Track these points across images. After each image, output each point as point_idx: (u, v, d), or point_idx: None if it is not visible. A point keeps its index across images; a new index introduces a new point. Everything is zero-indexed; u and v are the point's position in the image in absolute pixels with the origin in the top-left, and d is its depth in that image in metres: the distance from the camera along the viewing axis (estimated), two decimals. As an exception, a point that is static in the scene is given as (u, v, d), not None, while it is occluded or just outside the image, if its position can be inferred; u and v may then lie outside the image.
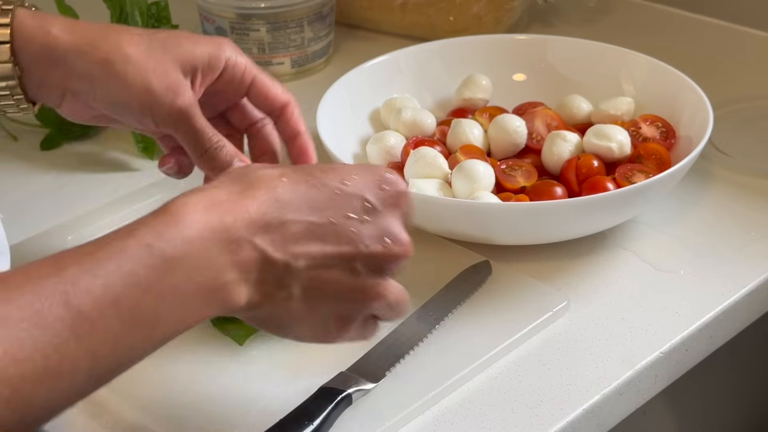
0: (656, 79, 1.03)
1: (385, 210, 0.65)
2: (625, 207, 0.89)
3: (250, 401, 0.76)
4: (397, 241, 0.65)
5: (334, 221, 0.63)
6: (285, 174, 0.62)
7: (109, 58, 0.75)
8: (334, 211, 0.63)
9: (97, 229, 0.94)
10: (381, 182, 0.65)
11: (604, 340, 0.81)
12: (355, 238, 0.63)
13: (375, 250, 0.64)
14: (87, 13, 1.13)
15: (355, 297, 0.65)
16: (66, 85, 0.77)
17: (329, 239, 0.63)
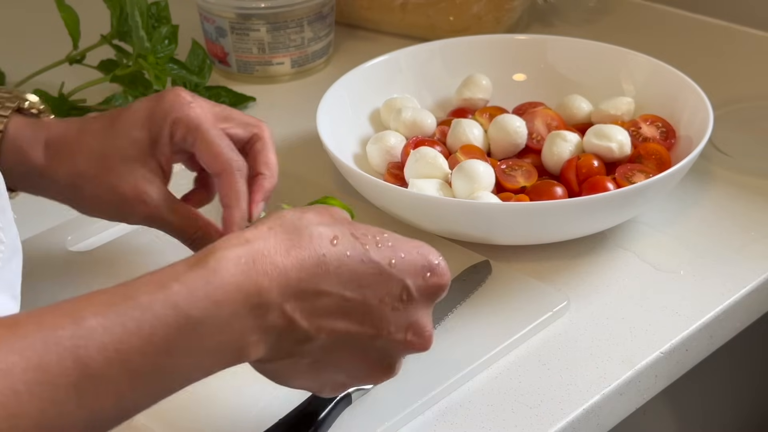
0: (656, 79, 1.03)
1: (421, 300, 0.63)
2: (625, 207, 0.89)
3: (250, 401, 0.76)
4: (421, 335, 0.63)
5: (367, 301, 0.61)
6: (337, 238, 0.60)
7: (72, 182, 0.79)
8: (372, 291, 0.61)
9: (97, 229, 0.94)
10: (427, 270, 0.63)
11: (604, 340, 0.81)
12: (382, 325, 0.62)
13: (396, 339, 0.63)
14: (87, 13, 1.13)
15: (360, 373, 0.65)
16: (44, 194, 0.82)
17: (356, 318, 0.61)
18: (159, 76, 1.10)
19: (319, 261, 0.59)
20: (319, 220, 0.61)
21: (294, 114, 1.14)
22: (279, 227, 0.59)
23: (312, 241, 0.59)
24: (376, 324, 0.61)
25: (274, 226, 0.59)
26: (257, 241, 0.58)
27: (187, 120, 0.77)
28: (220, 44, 1.20)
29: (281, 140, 1.09)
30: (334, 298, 0.59)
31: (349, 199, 0.95)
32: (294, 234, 0.59)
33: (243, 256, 0.57)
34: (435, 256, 0.63)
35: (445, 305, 0.83)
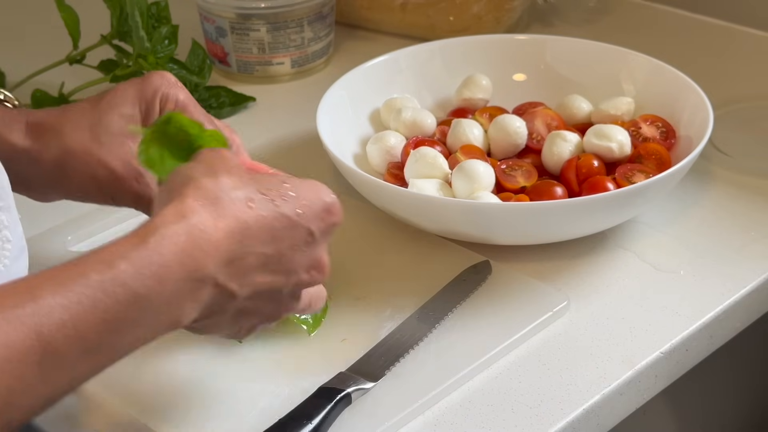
0: (656, 79, 1.03)
1: (321, 239, 0.68)
2: (625, 207, 0.89)
3: (250, 401, 0.76)
4: (320, 268, 0.69)
5: (282, 253, 0.66)
6: (252, 200, 0.64)
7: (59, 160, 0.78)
8: (284, 242, 0.65)
9: (96, 229, 0.94)
10: (325, 209, 0.68)
11: (604, 340, 0.81)
12: (291, 269, 0.67)
13: (302, 279, 0.68)
14: (87, 13, 1.13)
15: (271, 315, 0.69)
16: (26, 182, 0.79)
17: (273, 269, 0.66)
18: (159, 76, 1.10)
19: (242, 227, 0.63)
20: (232, 183, 0.64)
21: (294, 114, 1.14)
22: (203, 199, 0.62)
23: (233, 207, 0.63)
24: (288, 270, 0.66)
25: (198, 197, 0.62)
26: (191, 216, 0.61)
27: (176, 98, 0.79)
28: (220, 44, 1.20)
29: (281, 140, 1.09)
30: (256, 256, 0.64)
31: (349, 199, 0.95)
32: (217, 204, 0.62)
33: (181, 233, 0.60)
34: (328, 195, 0.68)
35: (445, 305, 0.83)
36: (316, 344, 0.80)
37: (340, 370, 0.76)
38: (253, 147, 1.08)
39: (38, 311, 0.55)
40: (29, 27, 1.38)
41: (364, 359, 0.78)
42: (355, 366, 0.77)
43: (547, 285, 0.86)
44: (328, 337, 0.81)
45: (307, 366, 0.78)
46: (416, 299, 0.84)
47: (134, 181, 0.78)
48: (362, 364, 0.77)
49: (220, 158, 0.66)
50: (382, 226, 0.94)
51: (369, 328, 0.82)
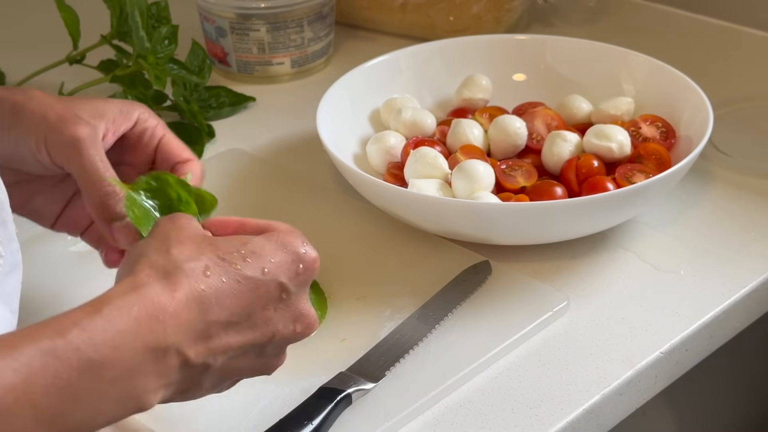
0: (656, 79, 1.03)
1: (298, 291, 0.66)
2: (625, 207, 0.89)
3: (250, 401, 0.76)
4: (305, 321, 0.67)
5: (251, 313, 0.64)
6: (209, 268, 0.62)
7: (14, 99, 0.75)
8: (253, 303, 0.64)
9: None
10: (298, 261, 0.66)
11: (604, 340, 0.81)
12: (270, 326, 0.65)
13: (286, 333, 0.66)
14: (87, 13, 1.13)
15: (258, 371, 0.68)
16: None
17: (246, 331, 0.64)
18: (159, 76, 1.10)
19: (200, 297, 0.61)
20: (186, 254, 0.63)
21: (294, 114, 1.14)
22: (154, 273, 0.61)
23: (188, 279, 0.61)
24: (265, 329, 0.65)
25: (149, 273, 0.61)
26: (143, 288, 0.60)
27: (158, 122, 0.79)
28: (220, 44, 1.20)
29: (281, 140, 1.09)
30: (222, 324, 0.62)
31: (349, 199, 0.95)
32: (169, 277, 0.61)
33: (135, 304, 0.59)
34: (299, 245, 0.66)
35: (445, 305, 0.83)
36: (316, 344, 0.80)
37: (340, 370, 0.76)
38: (253, 147, 1.08)
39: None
40: (29, 27, 1.38)
41: (364, 359, 0.78)
42: (355, 366, 0.77)
43: (547, 285, 0.86)
44: (328, 337, 0.81)
45: (307, 366, 0.78)
46: (416, 299, 0.84)
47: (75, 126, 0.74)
48: (362, 364, 0.77)
49: (176, 229, 0.65)
50: (382, 226, 0.94)
51: (369, 328, 0.82)
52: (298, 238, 0.67)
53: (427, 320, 0.82)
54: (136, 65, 1.11)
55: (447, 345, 0.80)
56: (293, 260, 0.66)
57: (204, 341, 0.62)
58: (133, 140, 0.78)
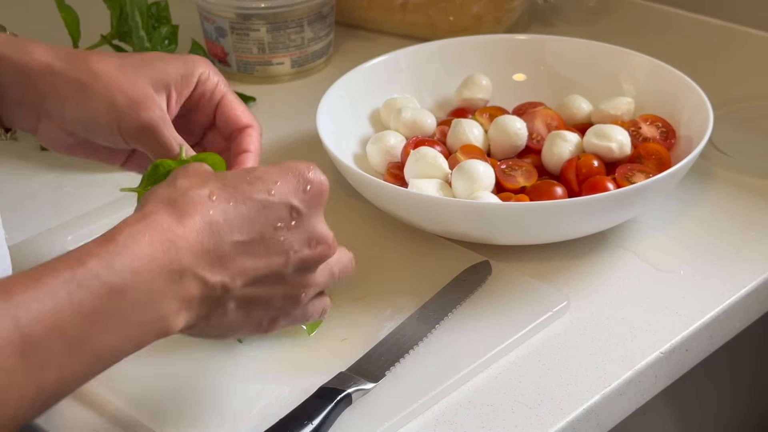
0: (656, 79, 1.03)
1: (310, 211, 0.67)
2: (625, 207, 0.89)
3: (250, 401, 0.76)
4: (323, 240, 0.67)
5: (264, 235, 0.64)
6: (213, 193, 0.64)
7: (79, 77, 0.76)
8: (263, 224, 0.64)
9: (96, 229, 0.94)
10: (304, 183, 0.67)
11: (604, 340, 0.81)
12: (285, 248, 0.65)
13: (303, 255, 0.66)
14: (87, 13, 1.13)
15: (284, 299, 0.68)
16: (40, 107, 0.78)
17: (261, 253, 0.64)
18: (159, 76, 1.10)
19: (208, 219, 0.62)
20: (191, 184, 0.64)
21: (294, 114, 1.14)
22: (160, 203, 0.62)
23: (195, 205, 0.63)
24: (281, 250, 0.65)
25: (156, 203, 0.63)
26: (151, 216, 0.61)
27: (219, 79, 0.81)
28: (220, 44, 1.20)
29: (281, 140, 1.09)
30: (234, 245, 0.63)
31: (349, 200, 0.95)
32: (176, 205, 0.62)
33: (146, 231, 0.60)
34: (306, 167, 0.67)
35: (445, 305, 0.83)
36: (316, 344, 0.80)
37: (340, 370, 0.76)
38: (253, 147, 1.08)
39: (14, 305, 0.55)
40: (29, 27, 1.37)
41: (364, 359, 0.78)
42: (355, 366, 0.77)
43: (547, 285, 0.86)
44: (328, 337, 0.81)
45: (307, 366, 0.78)
46: (416, 299, 0.84)
47: (146, 110, 0.76)
48: (362, 365, 0.77)
49: (184, 168, 0.67)
50: (382, 226, 0.94)
51: (369, 328, 0.82)
52: (305, 163, 0.68)
53: (427, 320, 0.82)
54: (136, 65, 1.11)
55: (447, 345, 0.80)
56: (299, 181, 0.66)
57: (218, 262, 0.62)
58: (194, 101, 0.80)
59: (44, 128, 0.79)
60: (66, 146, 0.81)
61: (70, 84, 0.76)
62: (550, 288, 0.85)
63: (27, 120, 0.79)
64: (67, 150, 0.82)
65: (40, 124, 0.79)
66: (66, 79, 0.77)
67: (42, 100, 0.77)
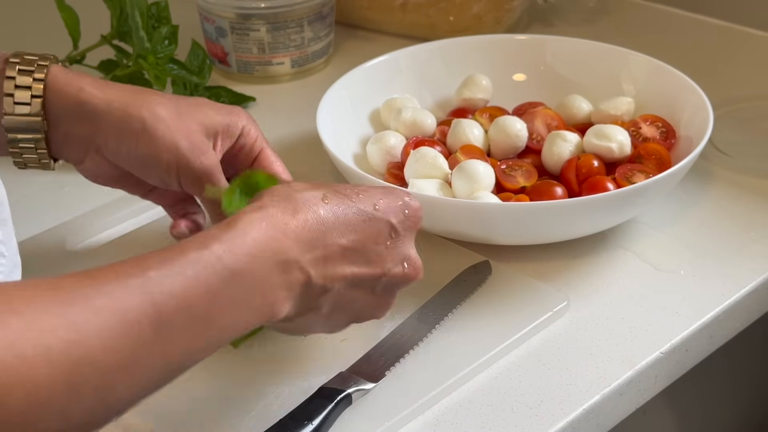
0: (656, 79, 1.03)
1: (405, 233, 0.71)
2: (625, 207, 0.89)
3: (250, 401, 0.76)
4: (413, 264, 0.72)
5: (365, 245, 0.68)
6: (326, 196, 0.68)
7: (141, 115, 0.79)
8: (366, 235, 0.69)
9: (97, 229, 0.94)
10: (404, 207, 0.71)
11: (604, 340, 0.81)
12: (381, 262, 0.70)
13: (396, 273, 0.71)
14: (87, 13, 1.13)
15: (368, 310, 0.72)
16: (92, 140, 0.80)
17: (360, 262, 0.68)
18: (159, 76, 1.10)
19: (319, 218, 0.66)
20: (304, 186, 0.68)
21: (294, 114, 1.14)
22: (277, 197, 0.66)
23: (307, 203, 0.66)
24: (377, 263, 0.69)
25: (272, 197, 0.66)
26: (268, 208, 0.65)
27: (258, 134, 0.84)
28: (220, 44, 1.20)
29: (281, 140, 1.09)
30: (338, 248, 0.67)
31: (349, 199, 0.95)
32: (291, 201, 0.66)
33: (263, 219, 0.64)
34: (404, 194, 0.72)
35: (445, 305, 0.83)
36: (316, 344, 0.80)
37: (340, 370, 0.76)
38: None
39: (149, 281, 0.57)
40: (29, 27, 1.38)
41: (364, 359, 0.78)
42: (355, 366, 0.77)
43: (547, 285, 0.86)
44: (328, 337, 0.81)
45: (307, 366, 0.78)
46: (416, 299, 0.84)
47: (207, 156, 0.80)
48: (362, 365, 0.77)
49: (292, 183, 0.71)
50: (382, 226, 0.93)
51: (369, 328, 0.82)
52: (404, 190, 0.73)
53: (427, 320, 0.82)
54: (136, 65, 1.11)
55: (447, 345, 0.80)
56: (401, 204, 0.71)
57: (323, 262, 0.66)
58: (234, 152, 0.84)
59: (91, 161, 0.82)
60: (106, 178, 0.84)
61: (131, 121, 0.79)
62: (550, 288, 0.85)
63: (75, 151, 0.81)
64: (103, 182, 0.84)
65: (88, 157, 0.81)
66: (126, 117, 0.79)
67: (95, 135, 0.80)
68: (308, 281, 0.65)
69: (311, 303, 0.67)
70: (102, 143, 0.80)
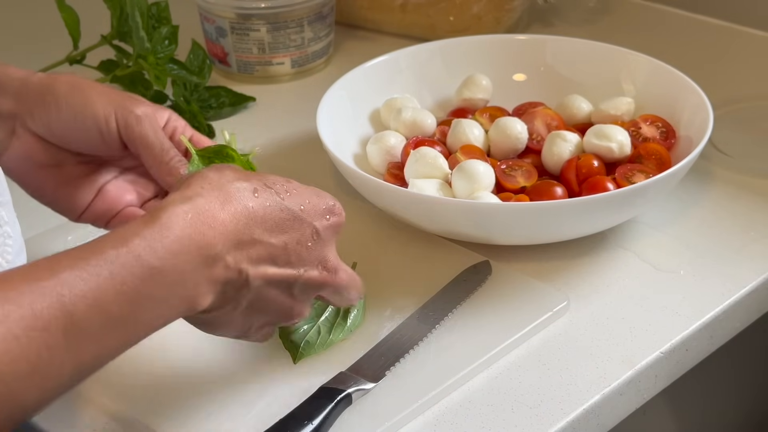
0: (656, 79, 1.03)
1: (326, 238, 0.71)
2: (625, 207, 0.89)
3: (250, 401, 0.76)
4: (329, 268, 0.72)
5: (288, 246, 0.68)
6: (257, 190, 0.67)
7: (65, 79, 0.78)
8: (290, 236, 0.68)
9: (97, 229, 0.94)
10: (328, 212, 0.71)
11: (604, 340, 0.81)
12: (300, 263, 0.69)
13: (310, 275, 0.70)
14: (87, 13, 1.13)
15: (284, 313, 0.71)
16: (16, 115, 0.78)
17: (281, 262, 0.68)
18: (159, 76, 1.10)
19: (248, 212, 0.66)
20: (236, 176, 0.67)
21: (294, 114, 1.14)
22: (208, 186, 0.65)
23: (238, 195, 0.66)
24: (296, 264, 0.69)
25: (203, 185, 0.66)
26: (196, 198, 0.64)
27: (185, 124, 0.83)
28: (220, 44, 1.20)
29: (281, 140, 1.09)
30: (264, 245, 0.67)
31: (349, 199, 0.95)
32: (222, 191, 0.66)
33: (189, 211, 0.63)
34: (330, 199, 0.72)
35: (445, 305, 0.83)
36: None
37: (340, 370, 0.76)
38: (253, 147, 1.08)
39: (59, 283, 0.57)
40: (29, 27, 1.38)
41: (364, 359, 0.78)
42: (355, 366, 0.77)
43: (547, 285, 0.86)
44: (328, 337, 0.81)
45: (307, 366, 0.78)
46: (416, 299, 0.84)
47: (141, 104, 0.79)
48: (362, 364, 0.77)
49: (227, 164, 0.70)
50: (382, 226, 0.94)
51: (369, 328, 0.82)
52: (329, 194, 0.72)
53: (427, 320, 0.82)
54: (136, 65, 1.11)
55: (447, 345, 0.80)
56: (325, 209, 0.71)
57: (247, 259, 0.66)
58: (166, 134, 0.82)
59: (18, 141, 0.79)
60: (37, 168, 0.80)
61: (57, 85, 0.78)
62: (550, 288, 0.85)
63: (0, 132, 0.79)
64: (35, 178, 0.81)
65: (15, 136, 0.79)
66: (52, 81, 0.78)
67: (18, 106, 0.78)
68: (232, 275, 0.65)
69: (232, 296, 0.66)
70: (27, 114, 0.78)
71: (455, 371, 0.77)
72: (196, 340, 0.78)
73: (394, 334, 0.80)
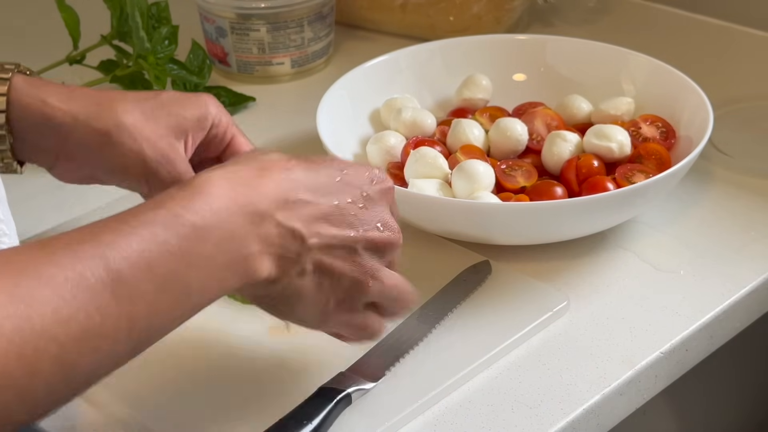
0: (656, 79, 1.03)
1: (378, 199, 0.69)
2: (625, 207, 0.89)
3: (250, 401, 0.76)
4: (390, 228, 0.70)
5: (339, 205, 0.67)
6: (291, 160, 0.66)
7: (106, 128, 0.77)
8: (338, 196, 0.67)
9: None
10: (372, 177, 0.70)
11: (604, 340, 0.81)
12: (356, 223, 0.67)
13: (372, 235, 0.68)
14: (87, 13, 1.13)
15: (353, 282, 0.68)
16: (60, 151, 0.78)
17: (336, 222, 0.66)
18: (159, 76, 1.10)
19: (288, 176, 0.65)
20: (270, 150, 0.67)
21: (294, 114, 1.14)
22: (242, 159, 0.66)
23: (275, 163, 0.65)
24: (353, 224, 0.67)
25: (238, 159, 0.66)
26: (232, 166, 0.64)
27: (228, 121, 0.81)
28: (220, 44, 1.20)
29: (281, 140, 1.09)
30: (312, 205, 0.65)
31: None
32: (258, 161, 0.65)
33: (224, 176, 0.62)
34: (371, 167, 0.71)
35: (445, 305, 0.83)
36: (316, 344, 0.80)
37: (340, 370, 0.76)
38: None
39: (101, 244, 0.57)
40: (29, 27, 1.38)
41: (364, 359, 0.78)
42: (355, 366, 0.77)
43: (547, 285, 0.86)
44: (328, 337, 0.81)
45: (307, 366, 0.78)
46: (416, 299, 0.84)
47: (174, 165, 0.78)
48: (362, 364, 0.77)
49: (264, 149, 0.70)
50: (382, 226, 0.93)
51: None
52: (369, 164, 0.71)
53: (427, 320, 0.82)
54: (136, 65, 1.11)
55: (447, 345, 0.80)
56: (367, 175, 0.69)
57: (298, 215, 0.64)
58: (206, 142, 0.81)
59: (62, 167, 0.80)
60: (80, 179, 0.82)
61: (96, 135, 0.77)
62: (550, 288, 0.85)
63: (44, 160, 0.80)
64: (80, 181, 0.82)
65: (58, 164, 0.80)
66: (92, 131, 0.77)
67: (63, 147, 0.78)
68: (284, 232, 0.63)
69: (293, 259, 0.65)
70: (70, 153, 0.78)
71: (455, 371, 0.77)
72: (197, 340, 0.78)
73: (393, 334, 0.80)
